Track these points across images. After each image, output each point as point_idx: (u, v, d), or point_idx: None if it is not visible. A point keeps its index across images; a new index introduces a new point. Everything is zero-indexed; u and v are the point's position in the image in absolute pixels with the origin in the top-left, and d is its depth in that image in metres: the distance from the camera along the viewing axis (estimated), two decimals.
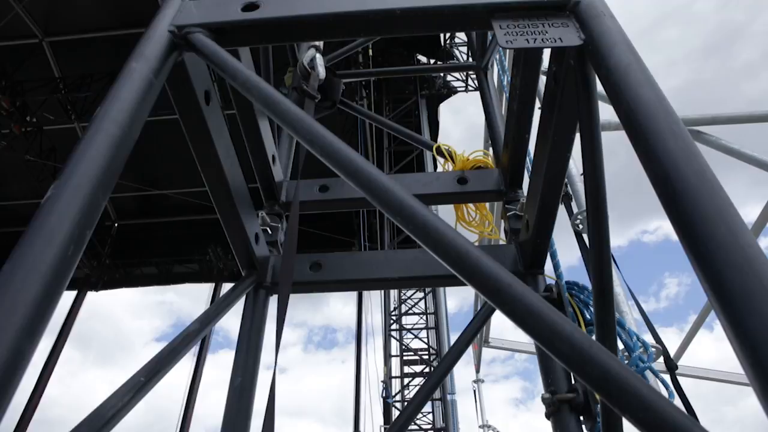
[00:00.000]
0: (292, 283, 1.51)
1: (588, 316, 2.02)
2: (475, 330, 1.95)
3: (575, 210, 2.98)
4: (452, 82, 13.43)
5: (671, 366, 1.94)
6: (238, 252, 1.90)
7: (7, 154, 12.29)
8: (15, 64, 11.52)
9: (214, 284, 14.72)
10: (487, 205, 2.55)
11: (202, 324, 1.54)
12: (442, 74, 12.84)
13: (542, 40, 1.29)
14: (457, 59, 12.86)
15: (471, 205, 2.43)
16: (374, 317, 15.24)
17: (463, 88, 13.30)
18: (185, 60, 1.40)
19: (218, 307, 1.68)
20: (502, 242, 2.45)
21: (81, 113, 12.15)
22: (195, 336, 1.48)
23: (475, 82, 3.34)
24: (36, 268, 0.85)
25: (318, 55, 2.12)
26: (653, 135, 1.06)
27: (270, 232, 2.13)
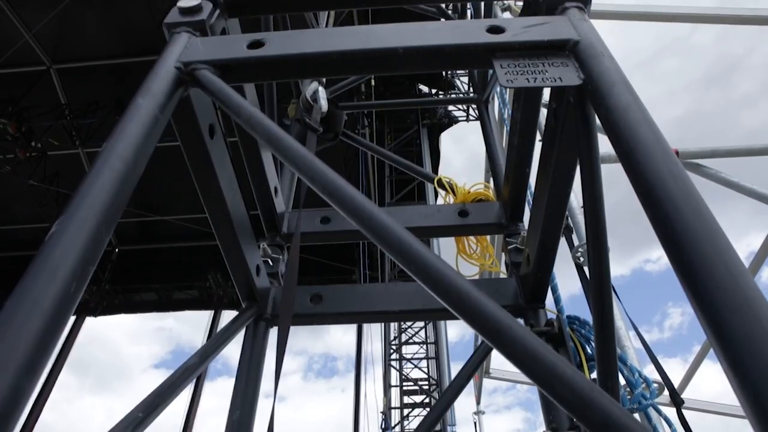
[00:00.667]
0: (292, 316, 1.50)
1: (590, 351, 2.01)
2: (476, 365, 1.94)
3: (576, 242, 2.98)
4: (453, 112, 13.57)
5: (677, 402, 1.91)
6: (239, 284, 1.91)
7: (11, 179, 12.36)
8: (22, 91, 11.67)
9: (213, 311, 14.66)
10: (488, 237, 2.55)
11: (201, 358, 1.53)
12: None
13: (542, 79, 1.31)
14: (458, 89, 13.01)
15: (472, 237, 2.44)
16: (374, 345, 15.12)
17: (464, 118, 13.43)
18: (191, 95, 1.43)
19: (218, 340, 1.68)
20: (503, 275, 2.44)
21: (85, 139, 12.26)
22: (194, 370, 1.47)
23: (476, 111, 3.39)
24: (38, 305, 0.85)
25: (321, 89, 2.15)
26: (652, 175, 1.07)
27: (271, 263, 2.13)
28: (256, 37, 1.41)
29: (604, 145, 1.43)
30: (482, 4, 3.30)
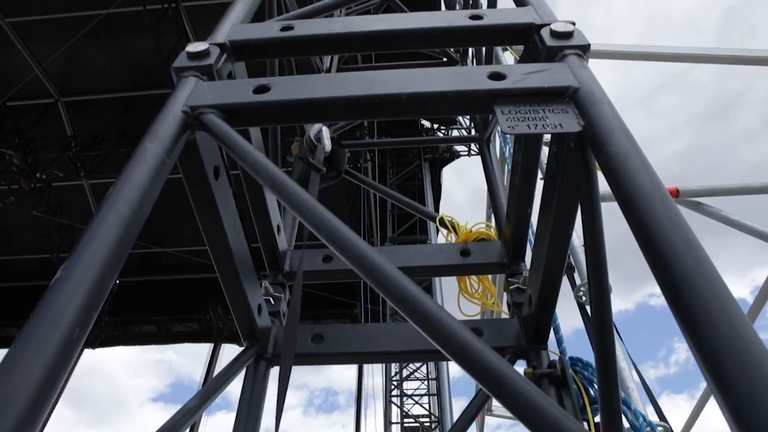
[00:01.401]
0: (293, 358, 1.50)
1: (593, 393, 1.99)
2: (478, 407, 1.92)
3: (578, 281, 2.98)
4: (455, 147, 13.68)
5: None
6: (240, 323, 1.90)
7: (14, 210, 12.43)
8: (30, 123, 11.83)
9: (213, 344, 14.53)
10: (490, 276, 2.55)
11: (201, 400, 1.52)
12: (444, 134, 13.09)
13: (543, 126, 1.33)
14: (460, 124, 13.15)
15: (473, 276, 2.44)
16: (375, 381, 14.93)
17: (466, 153, 13.53)
18: (197, 138, 1.45)
19: (218, 381, 1.66)
20: (504, 315, 2.44)
21: (90, 171, 12.37)
22: (194, 413, 1.45)
23: (478, 146, 3.43)
24: (41, 352, 0.85)
25: (324, 129, 2.18)
26: (652, 223, 1.08)
27: (273, 302, 2.13)
28: (261, 82, 1.44)
29: (605, 183, 1.44)
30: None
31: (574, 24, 1.64)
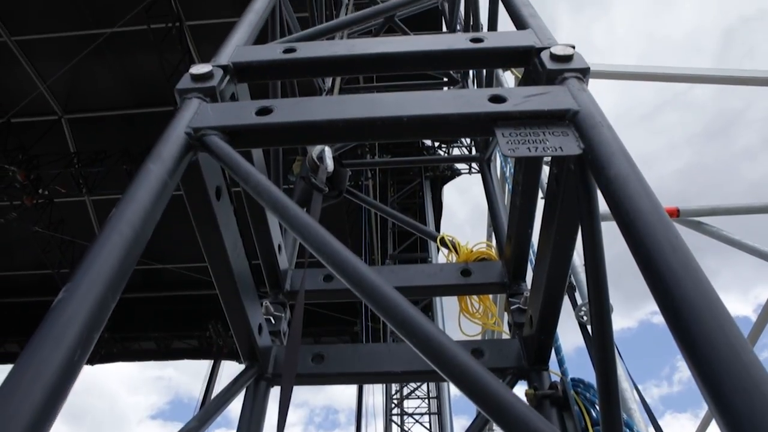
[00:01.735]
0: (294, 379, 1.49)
1: (594, 415, 1.97)
2: (480, 428, 1.90)
3: (579, 301, 2.97)
4: (456, 164, 13.71)
5: None
6: (240, 343, 1.90)
7: (16, 225, 12.45)
8: (33, 139, 11.90)
9: (213, 361, 14.45)
10: (491, 295, 2.55)
11: (200, 422, 1.51)
12: (444, 153, 13.14)
13: (543, 148, 1.34)
14: (461, 142, 13.20)
15: (474, 296, 2.44)
16: (375, 399, 14.82)
17: (467, 171, 13.57)
18: (199, 159, 1.46)
19: (217, 402, 1.66)
20: (505, 335, 2.43)
21: (92, 187, 12.42)
22: None
23: (479, 165, 3.45)
24: (41, 374, 0.86)
25: (327, 149, 2.20)
26: (652, 246, 1.08)
27: (273, 321, 2.13)
28: (264, 104, 1.46)
29: (605, 203, 1.45)
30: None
31: (573, 47, 1.66)
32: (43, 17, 10.71)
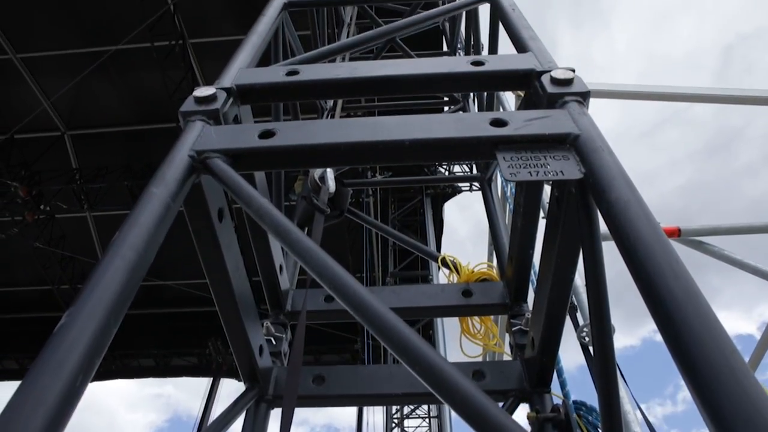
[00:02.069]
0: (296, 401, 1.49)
1: None
2: None
3: (581, 322, 2.96)
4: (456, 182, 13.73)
5: None
6: (241, 364, 1.89)
7: (17, 241, 12.45)
8: (36, 155, 11.95)
9: (212, 378, 14.35)
10: (492, 316, 2.54)
11: None
12: (446, 171, 13.16)
13: (544, 172, 1.35)
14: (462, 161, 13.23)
15: (476, 317, 2.43)
16: (376, 417, 14.68)
17: (468, 188, 13.59)
18: (202, 181, 1.47)
19: (218, 425, 1.65)
20: (506, 356, 2.42)
21: (93, 203, 12.44)
22: None
23: (480, 185, 3.46)
24: (42, 401, 0.85)
25: (329, 170, 2.21)
26: (653, 272, 1.09)
27: (274, 342, 2.12)
28: (267, 127, 1.47)
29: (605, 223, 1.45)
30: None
31: (573, 71, 1.67)
32: (48, 35, 10.82)
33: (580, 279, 3.28)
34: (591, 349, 2.76)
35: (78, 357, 0.92)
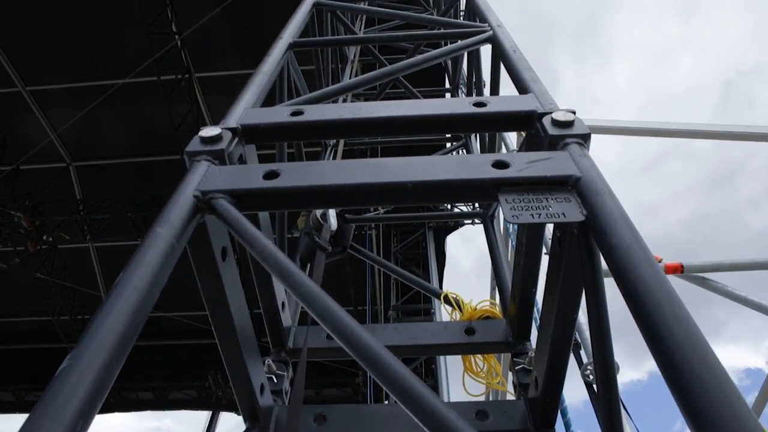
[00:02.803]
0: None
1: None
2: None
3: (585, 359, 2.94)
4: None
5: None
6: (242, 403, 1.87)
7: (18, 271, 12.45)
8: (41, 186, 12.03)
9: (211, 412, 14.15)
10: (495, 354, 2.52)
11: None
12: (449, 206, 13.18)
13: (546, 215, 1.36)
14: None
15: (479, 354, 2.41)
16: None
17: (470, 221, 13.60)
18: (206, 221, 1.48)
19: None
20: (509, 395, 2.39)
21: (96, 234, 12.47)
22: None
23: (482, 221, 3.47)
24: None
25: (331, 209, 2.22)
26: (656, 318, 1.09)
27: (275, 380, 2.10)
28: (271, 168, 1.48)
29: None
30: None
31: (574, 113, 1.70)
32: (57, 68, 11.02)
33: (583, 316, 3.27)
34: (595, 387, 2.73)
35: (79, 403, 0.92)
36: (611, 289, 1.49)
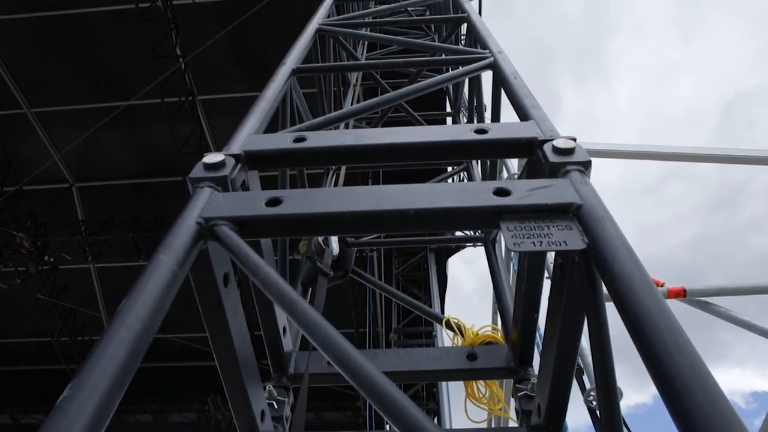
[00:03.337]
0: None
1: None
2: None
3: (588, 385, 2.91)
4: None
5: None
6: (242, 429, 1.85)
7: (18, 292, 12.42)
8: (43, 206, 12.07)
9: None
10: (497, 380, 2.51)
11: None
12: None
13: (548, 243, 1.36)
14: None
15: (481, 380, 2.40)
16: None
17: (471, 244, 13.59)
18: (208, 247, 1.48)
19: None
20: (512, 422, 2.37)
21: (97, 255, 12.46)
22: None
23: (483, 245, 3.48)
24: None
25: None
26: (658, 347, 1.08)
27: (276, 406, 2.09)
28: (274, 195, 1.49)
29: None
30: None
31: (575, 140, 1.71)
32: (62, 90, 11.15)
33: (586, 342, 3.25)
34: (598, 413, 2.71)
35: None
36: (613, 311, 1.49)
